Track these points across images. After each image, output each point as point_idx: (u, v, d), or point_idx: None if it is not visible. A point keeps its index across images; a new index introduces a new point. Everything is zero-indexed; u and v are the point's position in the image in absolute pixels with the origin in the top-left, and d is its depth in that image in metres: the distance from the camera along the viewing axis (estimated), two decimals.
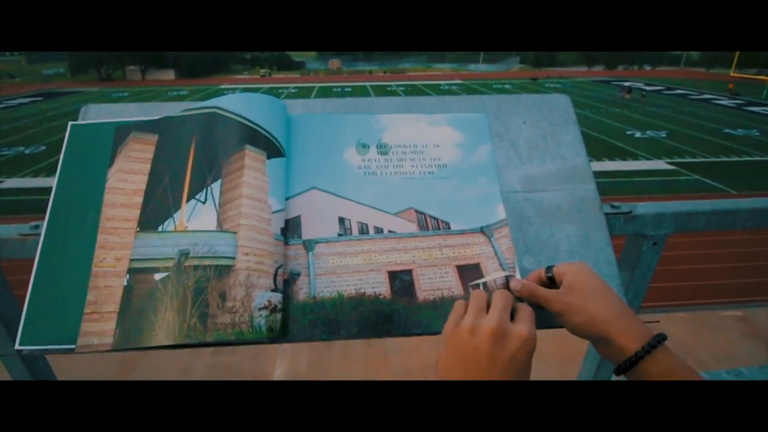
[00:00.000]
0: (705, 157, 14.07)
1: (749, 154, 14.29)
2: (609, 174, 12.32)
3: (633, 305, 0.79)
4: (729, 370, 1.06)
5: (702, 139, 16.34)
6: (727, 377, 1.03)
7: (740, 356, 2.32)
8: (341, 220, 0.64)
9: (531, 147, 0.72)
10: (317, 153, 0.68)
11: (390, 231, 0.64)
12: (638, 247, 0.76)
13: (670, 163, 13.48)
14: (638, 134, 17.30)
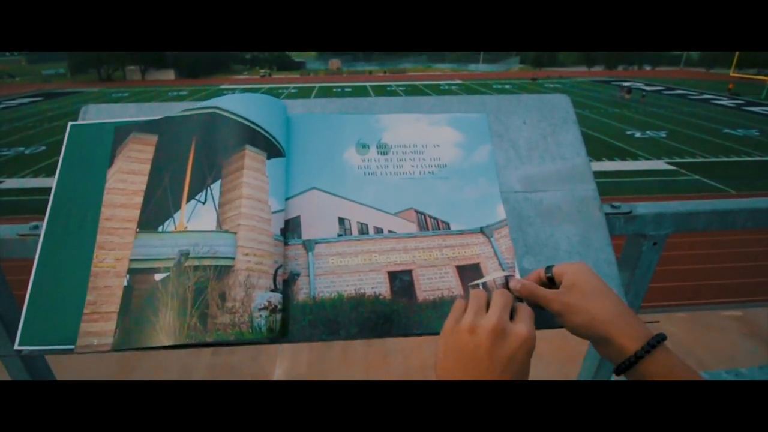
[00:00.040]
0: (705, 157, 14.07)
1: (749, 154, 14.29)
2: (609, 174, 12.32)
3: (633, 305, 0.79)
4: (729, 370, 1.06)
5: (702, 139, 16.34)
6: (727, 377, 1.03)
7: (740, 356, 2.32)
8: (341, 221, 0.64)
9: (531, 147, 0.72)
10: (317, 153, 0.68)
11: (390, 231, 0.64)
12: (638, 247, 0.76)
13: (670, 163, 13.48)
14: (638, 134, 17.31)
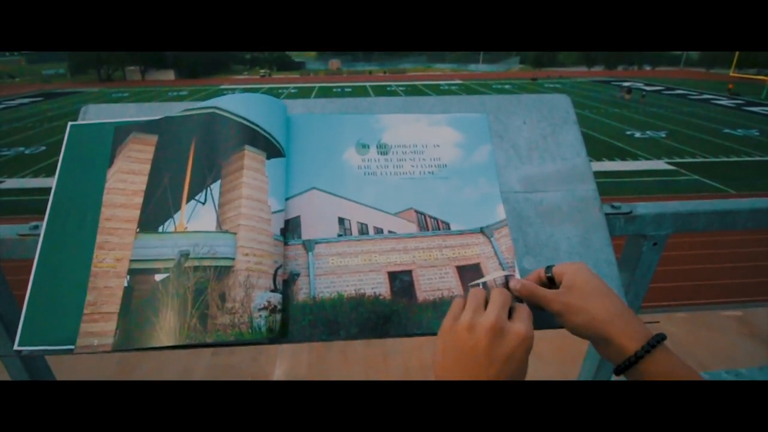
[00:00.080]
0: (705, 157, 14.07)
1: (749, 154, 14.30)
2: (609, 174, 12.32)
3: (633, 305, 0.79)
4: (728, 371, 1.06)
5: (702, 139, 16.34)
6: (727, 377, 1.03)
7: (740, 356, 2.32)
8: (341, 221, 0.63)
9: (531, 147, 0.72)
10: (317, 153, 0.68)
11: (390, 231, 0.64)
12: (638, 248, 0.76)
13: (670, 163, 13.48)
14: (638, 134, 17.31)
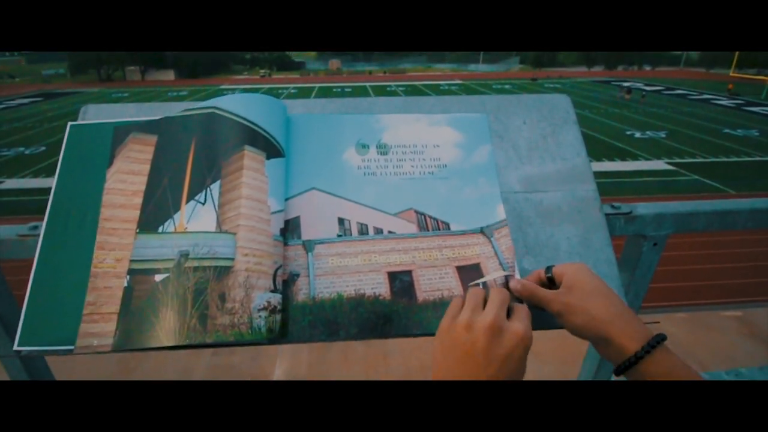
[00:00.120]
0: (704, 158, 14.08)
1: (749, 155, 14.30)
2: (609, 174, 12.33)
3: (633, 306, 0.79)
4: (728, 371, 1.06)
5: (701, 140, 16.35)
6: (727, 378, 1.03)
7: (740, 356, 2.32)
8: (341, 221, 0.63)
9: (531, 147, 0.72)
10: (317, 153, 0.68)
11: (390, 231, 0.64)
12: (638, 248, 0.76)
13: (670, 164, 13.48)
14: (638, 134, 17.32)
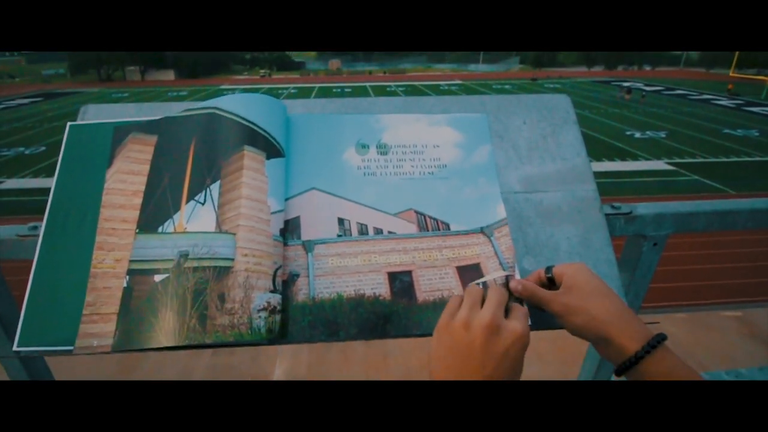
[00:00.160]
0: (704, 158, 14.07)
1: (749, 155, 14.30)
2: (609, 174, 12.33)
3: (633, 306, 0.79)
4: (728, 371, 1.05)
5: (701, 140, 16.35)
6: (727, 378, 1.03)
7: (740, 357, 2.32)
8: (341, 221, 0.63)
9: (531, 147, 0.72)
10: (317, 153, 0.68)
11: (390, 232, 0.63)
12: (638, 248, 0.76)
13: (670, 164, 13.48)
14: (638, 134, 17.32)
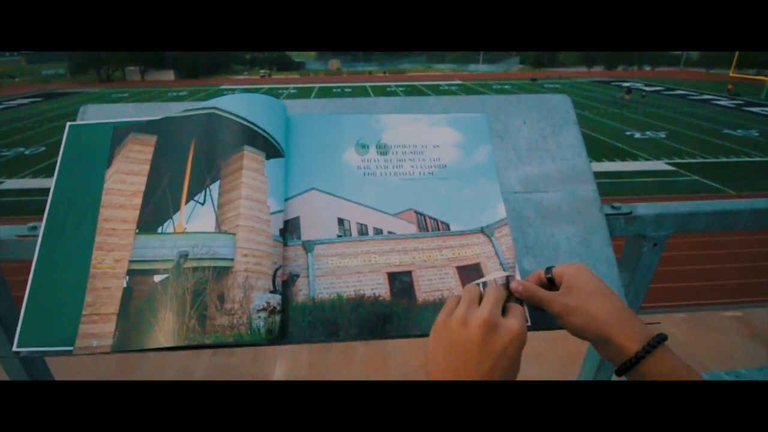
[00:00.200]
0: (704, 158, 14.07)
1: (748, 155, 14.30)
2: (609, 175, 12.33)
3: (633, 306, 0.79)
4: (729, 371, 1.05)
5: (701, 140, 16.35)
6: (727, 378, 1.03)
7: (740, 357, 2.32)
8: (340, 221, 0.63)
9: (531, 147, 0.72)
10: (316, 153, 0.67)
11: (389, 232, 0.63)
12: (638, 248, 0.76)
13: (670, 164, 13.48)
14: (638, 135, 17.31)
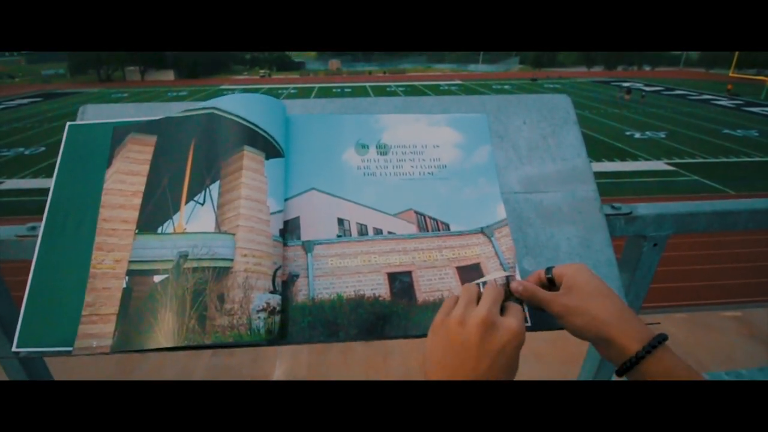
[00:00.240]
0: (704, 158, 14.08)
1: (748, 155, 14.30)
2: (609, 175, 12.33)
3: (633, 306, 0.79)
4: (729, 372, 1.05)
5: (701, 140, 16.35)
6: (727, 378, 1.03)
7: (740, 357, 2.32)
8: (340, 221, 0.63)
9: (531, 148, 0.72)
10: (316, 153, 0.67)
11: (389, 232, 0.63)
12: (639, 249, 0.76)
13: (670, 164, 13.48)
14: (638, 135, 17.32)
